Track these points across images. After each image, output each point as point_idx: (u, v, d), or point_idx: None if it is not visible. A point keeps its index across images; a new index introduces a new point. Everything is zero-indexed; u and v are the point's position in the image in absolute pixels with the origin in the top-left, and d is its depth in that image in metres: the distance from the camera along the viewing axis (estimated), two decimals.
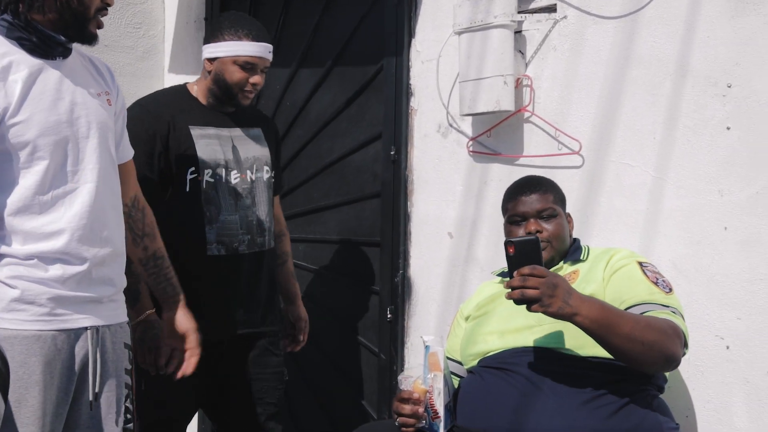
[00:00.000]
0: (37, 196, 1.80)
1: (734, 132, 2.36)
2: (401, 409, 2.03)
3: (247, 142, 2.57)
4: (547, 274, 1.86)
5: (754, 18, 2.32)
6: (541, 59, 2.70)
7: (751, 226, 2.33)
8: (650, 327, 1.94)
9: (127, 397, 1.95)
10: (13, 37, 1.81)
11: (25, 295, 1.78)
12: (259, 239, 2.53)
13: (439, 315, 2.95)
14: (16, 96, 1.77)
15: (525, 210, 2.22)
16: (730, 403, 2.34)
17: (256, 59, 2.46)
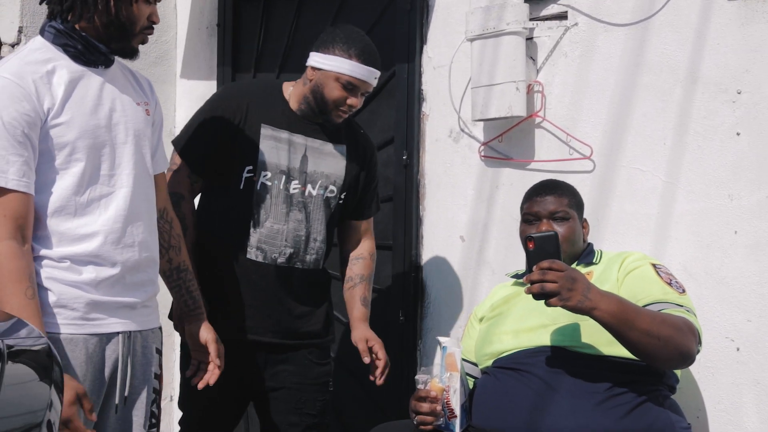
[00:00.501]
0: (74, 197, 1.85)
1: (744, 138, 2.40)
2: (419, 408, 2.06)
3: (321, 156, 2.46)
4: (566, 268, 1.89)
5: (764, 25, 2.36)
6: (552, 65, 2.74)
7: (761, 229, 2.36)
8: (666, 323, 1.97)
9: (153, 401, 1.99)
10: (59, 43, 1.88)
11: (60, 299, 1.83)
12: (306, 257, 2.45)
13: (450, 317, 2.99)
14: (59, 98, 1.83)
15: (538, 210, 2.25)
16: (741, 403, 2.38)
17: (359, 81, 2.36)
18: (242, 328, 2.43)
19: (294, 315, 2.47)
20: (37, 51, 1.88)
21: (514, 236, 2.81)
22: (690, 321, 2.04)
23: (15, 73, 1.81)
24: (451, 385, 2.04)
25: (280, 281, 2.43)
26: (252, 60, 3.56)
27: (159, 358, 2.03)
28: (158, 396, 2.01)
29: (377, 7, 3.19)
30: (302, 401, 2.49)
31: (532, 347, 2.11)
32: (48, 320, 1.79)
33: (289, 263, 2.44)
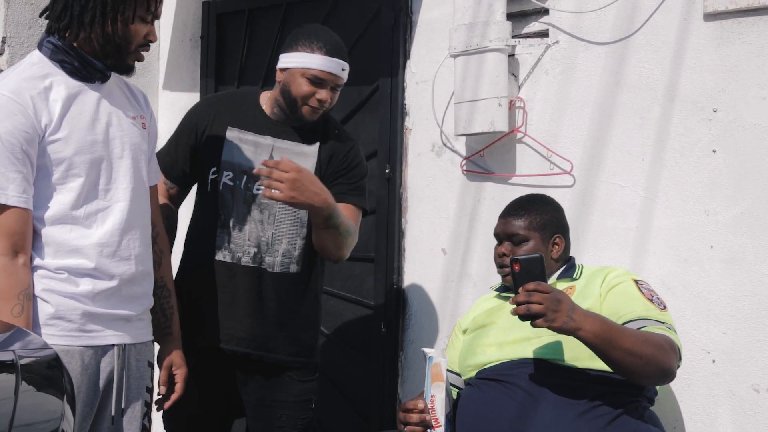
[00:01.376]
0: (72, 212, 1.87)
1: (720, 155, 2.46)
2: (408, 419, 2.09)
3: (290, 156, 2.37)
4: (551, 290, 1.94)
5: (739, 46, 2.43)
6: (533, 82, 2.80)
7: (736, 244, 2.43)
8: (648, 342, 2.02)
9: (145, 414, 2.00)
10: (56, 59, 1.90)
11: (58, 311, 1.84)
12: (267, 258, 2.41)
13: (432, 329, 3.03)
14: (57, 114, 1.85)
15: (498, 232, 2.35)
16: (716, 414, 2.44)
17: (325, 74, 2.34)
18: (218, 334, 2.39)
19: (264, 322, 2.41)
20: (35, 66, 1.90)
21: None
22: (671, 339, 2.09)
23: (13, 89, 1.83)
24: (437, 395, 2.07)
25: (250, 283, 2.40)
26: (236, 72, 3.58)
27: (151, 371, 2.04)
28: (149, 409, 2.02)
29: (362, 22, 3.23)
30: (283, 419, 2.46)
31: (516, 359, 2.14)
32: (45, 332, 1.80)
33: (254, 263, 2.40)
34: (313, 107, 2.38)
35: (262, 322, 2.42)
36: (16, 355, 1.16)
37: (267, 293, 2.42)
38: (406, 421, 2.10)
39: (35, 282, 1.85)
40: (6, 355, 1.23)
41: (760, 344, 2.38)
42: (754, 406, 2.38)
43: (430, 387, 2.08)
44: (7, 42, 3.23)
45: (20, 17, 3.23)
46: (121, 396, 1.93)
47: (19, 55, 3.16)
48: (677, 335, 2.14)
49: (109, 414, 1.90)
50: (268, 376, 2.44)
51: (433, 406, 2.06)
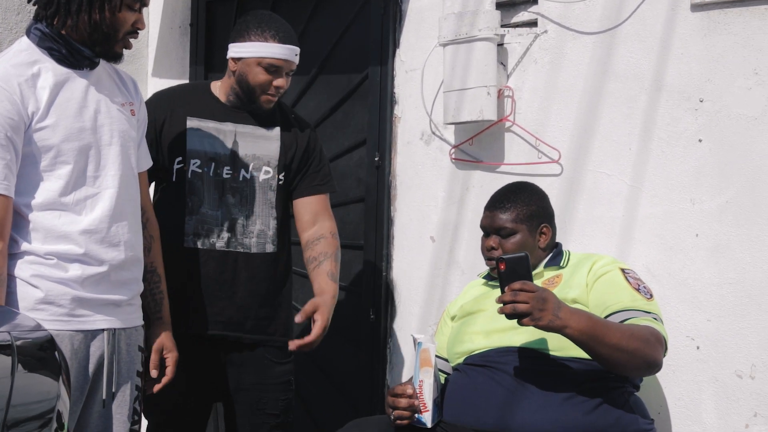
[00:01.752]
0: (60, 198, 1.88)
1: (705, 144, 2.49)
2: (397, 403, 2.11)
3: (252, 140, 2.48)
4: (537, 289, 1.96)
5: (725, 37, 2.46)
6: (522, 71, 2.82)
7: (721, 233, 2.46)
8: (634, 336, 2.04)
9: (135, 398, 2.02)
10: (44, 46, 1.90)
11: (47, 296, 1.85)
12: (244, 240, 2.45)
13: (420, 316, 3.05)
14: (44, 101, 1.86)
15: (485, 225, 2.35)
16: (700, 400, 2.48)
17: (281, 62, 2.40)
18: (196, 321, 2.41)
19: (239, 303, 2.45)
20: (23, 53, 1.90)
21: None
22: (657, 330, 2.11)
23: (0, 76, 1.83)
24: (425, 379, 2.09)
25: (222, 267, 2.44)
26: (224, 59, 3.57)
27: (141, 356, 2.05)
28: (140, 393, 2.04)
29: (351, 10, 3.24)
30: (263, 401, 2.49)
31: (503, 347, 2.17)
32: (35, 316, 1.81)
33: (229, 247, 2.44)
34: (271, 95, 2.44)
35: (240, 304, 2.46)
36: (12, 336, 1.18)
37: (243, 275, 2.46)
38: (394, 406, 2.12)
39: (24, 267, 1.86)
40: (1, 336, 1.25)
41: (744, 331, 2.42)
42: (737, 392, 2.42)
43: (419, 372, 2.11)
44: None
45: (9, 3, 3.22)
46: (112, 380, 1.93)
47: (8, 41, 3.15)
48: (663, 325, 2.16)
49: (100, 398, 1.92)
50: (247, 359, 2.48)
51: (422, 391, 2.09)
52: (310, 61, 3.36)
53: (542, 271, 2.30)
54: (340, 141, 3.28)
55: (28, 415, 1.04)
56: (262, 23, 2.42)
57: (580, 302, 2.17)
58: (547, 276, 2.29)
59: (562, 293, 2.17)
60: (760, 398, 2.38)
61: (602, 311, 2.15)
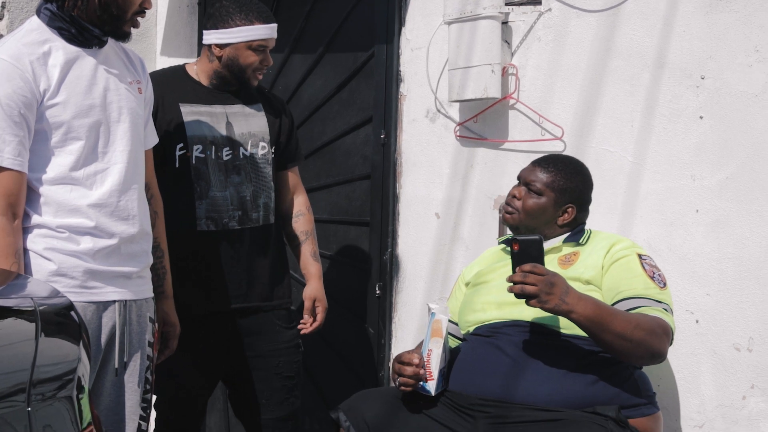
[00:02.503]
0: (71, 173, 1.93)
1: (707, 121, 2.53)
2: (403, 371, 2.15)
3: (243, 119, 2.58)
4: (546, 272, 2.00)
5: (727, 14, 2.48)
6: (526, 49, 2.85)
7: (721, 209, 2.50)
8: (640, 326, 2.07)
9: (147, 368, 2.07)
10: (54, 26, 1.95)
11: (60, 268, 1.91)
12: (253, 215, 2.56)
13: (425, 291, 3.10)
14: (56, 79, 1.90)
15: (522, 174, 2.37)
16: (699, 372, 2.53)
17: (269, 41, 2.53)
18: (213, 299, 2.51)
19: (253, 275, 2.57)
20: (34, 32, 1.94)
21: (488, 214, 2.93)
22: (665, 322, 2.13)
23: (12, 54, 1.87)
24: (434, 349, 2.14)
25: (236, 245, 2.54)
26: None
27: (152, 326, 2.10)
28: (152, 363, 2.09)
29: None
30: (280, 365, 2.62)
31: (514, 320, 2.20)
32: None
33: (241, 224, 2.54)
34: (260, 72, 2.56)
35: (256, 278, 2.58)
36: (35, 303, 1.23)
37: (254, 248, 2.57)
38: (400, 373, 2.16)
39: (37, 240, 1.91)
40: (25, 301, 1.30)
41: (742, 305, 2.46)
42: (735, 365, 2.47)
43: (429, 341, 2.16)
44: (6, 7, 3.25)
45: None
46: (124, 350, 1.99)
47: (19, 20, 3.19)
48: (673, 316, 2.18)
49: (113, 367, 1.97)
50: (261, 327, 2.60)
51: (429, 360, 2.14)
52: (316, 40, 3.39)
53: (561, 246, 2.31)
54: (347, 119, 3.32)
55: (52, 375, 1.10)
56: (243, 7, 2.51)
57: (593, 284, 2.19)
58: (565, 251, 2.30)
59: (577, 273, 2.19)
60: (758, 371, 2.43)
61: (614, 296, 2.17)
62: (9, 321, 1.23)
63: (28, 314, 1.24)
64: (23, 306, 1.30)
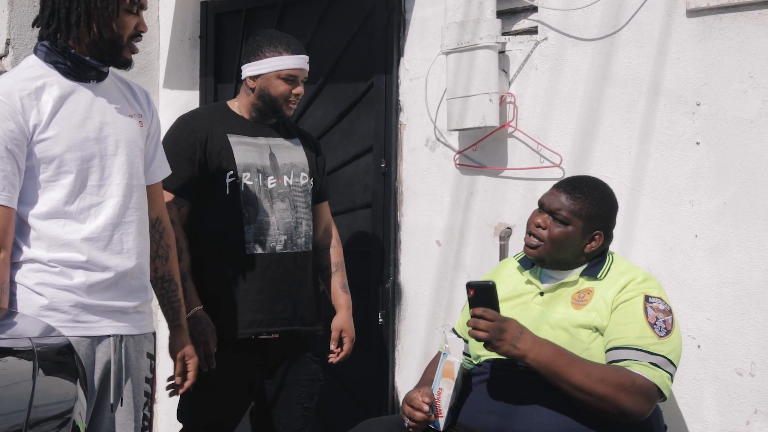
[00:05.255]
0: (64, 207, 1.93)
1: (703, 147, 2.54)
2: (413, 415, 2.14)
3: (284, 150, 2.68)
4: (495, 319, 2.02)
5: (720, 42, 2.51)
6: (523, 78, 2.88)
7: (720, 234, 2.51)
8: (604, 381, 2.00)
9: (145, 404, 2.06)
10: (50, 61, 1.96)
11: (51, 303, 1.90)
12: (298, 240, 2.64)
13: (428, 319, 3.11)
14: (47, 114, 1.91)
15: (544, 201, 2.23)
16: (701, 398, 2.53)
17: (297, 71, 2.61)
18: (253, 322, 2.57)
19: (295, 300, 2.64)
20: (30, 68, 1.96)
21: (489, 241, 2.95)
22: (644, 380, 2.02)
23: (3, 91, 1.89)
24: (444, 389, 2.15)
25: (282, 268, 2.62)
26: (234, 71, 3.65)
27: (151, 363, 2.09)
28: (150, 400, 2.08)
29: (356, 20, 3.31)
30: (302, 395, 2.70)
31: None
32: None
33: (286, 249, 2.62)
34: (292, 103, 2.64)
35: (296, 301, 2.65)
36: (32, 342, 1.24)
37: (297, 273, 2.66)
38: (410, 417, 2.15)
39: (29, 275, 1.91)
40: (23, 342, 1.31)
41: (743, 330, 2.47)
42: (738, 389, 2.47)
43: (440, 380, 2.17)
44: (11, 44, 3.31)
45: (24, 19, 3.31)
46: (120, 386, 1.97)
47: (23, 56, 3.22)
48: (668, 372, 2.07)
49: (108, 403, 1.96)
50: (294, 355, 2.68)
51: (439, 398, 2.15)
52: (316, 70, 3.42)
53: (578, 279, 2.20)
54: (347, 148, 3.35)
55: (48, 416, 1.11)
56: (273, 40, 2.62)
57: (600, 331, 2.12)
58: (581, 287, 2.19)
59: (588, 318, 2.12)
60: (761, 395, 2.43)
61: (607, 342, 2.09)
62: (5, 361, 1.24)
63: (26, 354, 1.25)
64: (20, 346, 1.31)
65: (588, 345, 2.11)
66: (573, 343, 2.11)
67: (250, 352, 2.60)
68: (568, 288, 2.20)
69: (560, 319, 2.15)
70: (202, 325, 2.48)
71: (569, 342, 2.11)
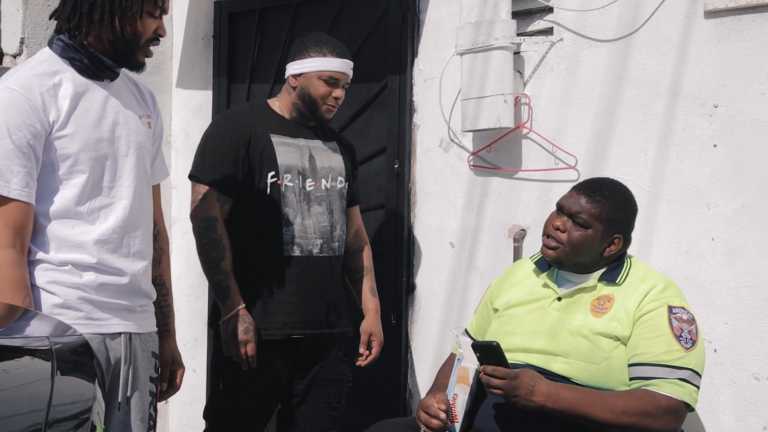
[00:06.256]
0: (75, 207, 1.91)
1: (720, 149, 2.52)
2: (429, 423, 2.13)
3: (323, 153, 2.68)
4: (507, 376, 2.00)
5: (738, 43, 2.49)
6: (538, 79, 2.86)
7: (737, 237, 2.49)
8: (627, 413, 2.01)
9: (150, 404, 2.04)
10: (66, 56, 1.94)
11: (66, 301, 1.89)
12: (333, 244, 2.65)
13: (441, 321, 3.10)
14: (65, 110, 1.89)
15: (564, 204, 2.20)
16: (718, 402, 2.50)
17: (339, 74, 2.59)
18: (287, 324, 2.58)
19: (328, 302, 2.65)
20: (45, 63, 1.93)
21: (502, 243, 2.93)
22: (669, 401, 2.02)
23: (23, 85, 1.86)
24: (459, 395, 2.14)
25: (318, 271, 2.62)
26: (247, 70, 3.65)
27: (155, 361, 2.07)
28: (154, 398, 2.06)
29: (370, 20, 3.30)
30: (331, 396, 2.70)
31: (540, 367, 2.13)
32: None
33: (322, 252, 2.63)
34: (331, 105, 2.61)
35: (329, 305, 2.65)
36: (50, 342, 1.24)
37: (332, 276, 2.67)
38: (426, 424, 2.14)
39: (39, 274, 1.89)
40: (41, 341, 1.31)
41: (760, 334, 2.44)
42: (755, 394, 2.44)
43: (455, 386, 2.15)
44: (25, 42, 3.31)
45: (38, 18, 3.31)
46: (127, 383, 1.96)
47: None
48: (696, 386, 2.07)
49: (117, 401, 1.95)
50: (325, 356, 2.68)
51: (454, 404, 2.14)
52: None
53: (596, 284, 2.18)
54: (361, 149, 3.33)
55: (66, 415, 1.11)
56: (319, 41, 2.61)
57: (621, 340, 2.10)
58: (600, 292, 2.17)
59: (609, 328, 2.10)
60: None
61: (632, 356, 2.08)
62: (24, 360, 1.24)
63: (44, 353, 1.24)
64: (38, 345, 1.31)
65: (609, 354, 2.09)
66: (593, 351, 2.09)
67: (283, 352, 2.60)
68: (587, 294, 2.19)
69: (579, 326, 2.13)
70: (245, 324, 2.47)
71: (589, 350, 2.09)
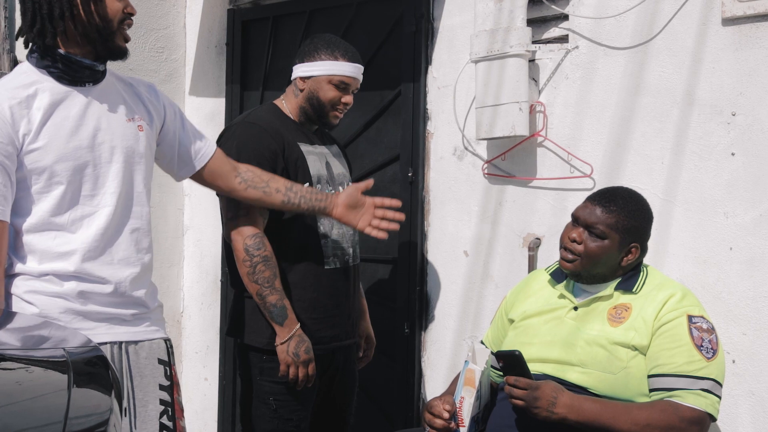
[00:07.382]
0: (53, 219, 1.88)
1: (738, 158, 2.50)
2: (433, 423, 2.13)
3: (334, 159, 2.65)
4: (529, 387, 1.99)
5: (757, 50, 2.46)
6: (553, 87, 2.84)
7: (755, 246, 2.46)
8: (651, 425, 1.99)
9: (163, 413, 1.98)
10: (42, 66, 1.89)
11: (43, 311, 1.85)
12: (355, 252, 2.65)
13: (455, 330, 3.08)
14: (37, 122, 1.84)
15: (579, 215, 2.19)
16: (736, 414, 2.47)
17: (350, 79, 2.52)
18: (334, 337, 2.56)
19: (351, 309, 2.64)
20: (22, 75, 1.89)
21: (517, 252, 2.91)
22: (694, 412, 2.02)
23: None
24: (466, 398, 2.12)
25: (350, 280, 2.62)
26: (260, 78, 3.65)
27: (165, 369, 2.02)
28: (169, 407, 2.00)
29: (384, 28, 3.29)
30: (346, 404, 2.71)
31: (556, 377, 2.12)
32: None
33: (353, 261, 2.64)
34: (339, 111, 2.55)
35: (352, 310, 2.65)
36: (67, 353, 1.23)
37: (355, 284, 2.67)
38: (430, 424, 2.14)
39: (18, 284, 1.86)
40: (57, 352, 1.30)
41: None
42: None
43: (462, 389, 2.14)
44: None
45: None
46: (121, 394, 1.89)
47: None
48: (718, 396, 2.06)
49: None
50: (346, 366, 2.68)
51: (461, 407, 2.13)
52: None
53: (612, 293, 2.17)
54: (374, 157, 3.33)
55: (84, 428, 1.10)
56: (331, 44, 2.53)
57: (640, 350, 2.08)
58: (617, 301, 2.16)
59: (627, 337, 2.08)
60: None
61: (652, 367, 2.07)
62: (41, 372, 1.23)
63: (60, 365, 1.23)
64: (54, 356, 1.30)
65: (626, 363, 2.07)
66: (611, 360, 2.07)
67: (324, 366, 2.57)
68: (603, 302, 2.17)
69: (597, 335, 2.11)
70: (306, 344, 2.43)
71: (607, 359, 2.07)
